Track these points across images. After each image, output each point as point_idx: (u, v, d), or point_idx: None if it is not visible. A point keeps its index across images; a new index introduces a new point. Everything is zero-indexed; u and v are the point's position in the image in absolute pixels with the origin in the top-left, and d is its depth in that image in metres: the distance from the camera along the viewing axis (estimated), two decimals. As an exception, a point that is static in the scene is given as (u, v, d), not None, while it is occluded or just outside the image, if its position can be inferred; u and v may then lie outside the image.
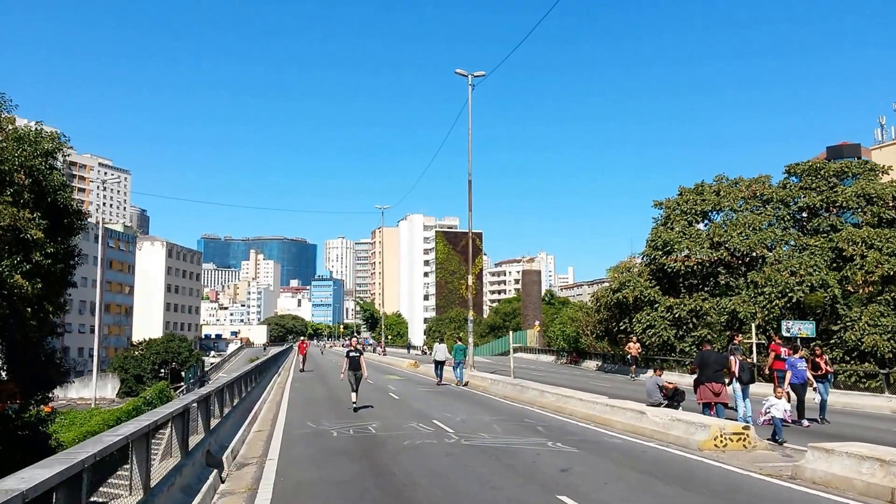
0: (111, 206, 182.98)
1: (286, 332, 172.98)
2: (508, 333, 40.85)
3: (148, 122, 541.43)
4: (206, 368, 74.04)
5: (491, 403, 19.61)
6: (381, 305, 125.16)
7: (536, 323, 76.16)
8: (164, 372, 67.35)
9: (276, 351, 58.15)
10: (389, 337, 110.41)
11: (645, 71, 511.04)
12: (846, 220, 34.08)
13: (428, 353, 68.21)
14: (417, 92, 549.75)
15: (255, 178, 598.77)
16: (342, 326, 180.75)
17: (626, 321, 36.65)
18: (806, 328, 26.23)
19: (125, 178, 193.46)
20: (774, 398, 13.19)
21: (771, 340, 22.87)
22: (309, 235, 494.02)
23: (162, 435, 7.69)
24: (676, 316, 33.97)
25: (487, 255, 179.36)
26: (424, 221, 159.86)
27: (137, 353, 70.49)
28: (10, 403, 23.53)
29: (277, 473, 9.52)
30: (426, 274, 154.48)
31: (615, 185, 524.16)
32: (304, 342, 43.57)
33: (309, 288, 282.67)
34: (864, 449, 8.75)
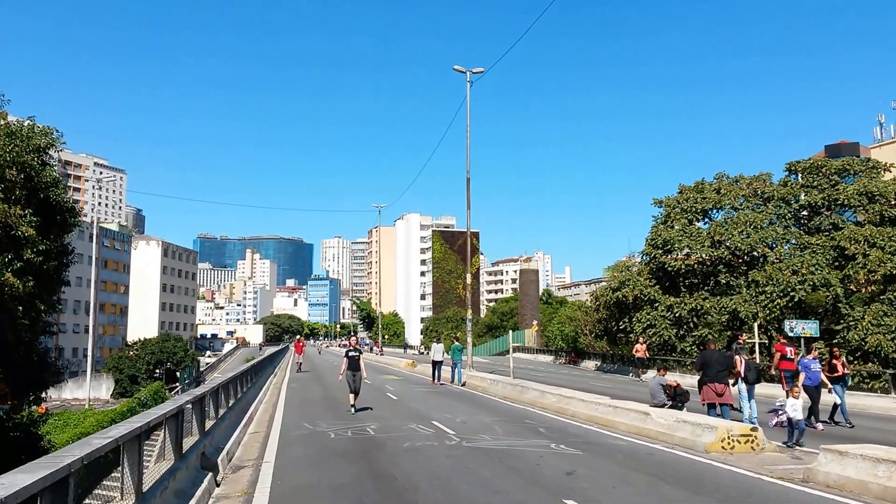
0: (106, 205, 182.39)
1: (282, 331, 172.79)
2: (508, 333, 40.63)
3: (144, 121, 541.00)
4: (201, 368, 73.79)
5: (491, 404, 19.35)
6: (377, 305, 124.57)
7: (534, 322, 75.95)
8: (159, 372, 67.07)
9: (272, 351, 57.89)
10: (386, 336, 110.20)
11: (644, 68, 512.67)
12: (848, 218, 33.97)
13: (425, 352, 67.93)
14: (414, 90, 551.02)
15: (251, 177, 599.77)
16: (339, 326, 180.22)
17: (625, 320, 36.48)
18: (810, 328, 26.01)
19: (121, 177, 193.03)
20: (792, 398, 12.37)
21: (774, 340, 22.64)
22: (305, 235, 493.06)
23: (155, 437, 7.46)
24: (677, 315, 33.78)
25: (484, 254, 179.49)
26: (421, 221, 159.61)
27: (132, 353, 70.16)
28: (1, 404, 23.18)
29: (274, 476, 9.26)
30: (423, 273, 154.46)
31: (613, 183, 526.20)
32: (300, 342, 43.40)
33: (305, 287, 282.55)
34: (879, 451, 8.47)
